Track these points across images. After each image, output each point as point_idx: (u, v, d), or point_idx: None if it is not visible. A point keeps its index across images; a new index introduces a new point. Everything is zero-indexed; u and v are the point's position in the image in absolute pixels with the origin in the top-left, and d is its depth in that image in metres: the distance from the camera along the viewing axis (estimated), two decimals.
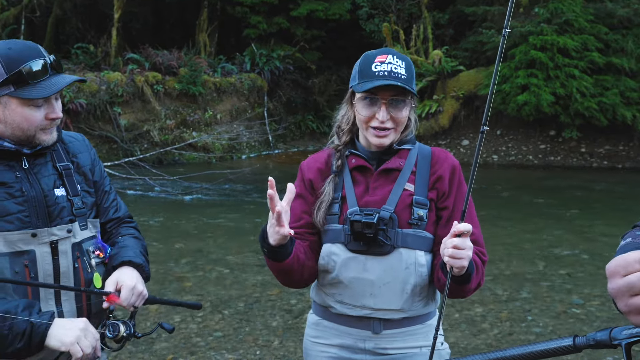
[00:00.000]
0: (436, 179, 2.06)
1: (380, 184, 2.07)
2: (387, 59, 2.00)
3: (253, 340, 4.84)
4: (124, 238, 2.15)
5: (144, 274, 2.08)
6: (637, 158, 15.19)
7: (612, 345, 1.11)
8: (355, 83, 2.04)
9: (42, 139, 1.95)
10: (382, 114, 1.98)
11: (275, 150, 17.94)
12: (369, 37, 18.59)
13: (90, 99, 15.05)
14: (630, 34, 15.05)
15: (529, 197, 11.52)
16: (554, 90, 14.69)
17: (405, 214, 2.02)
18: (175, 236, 8.31)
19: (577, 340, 1.16)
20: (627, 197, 11.59)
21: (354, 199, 2.06)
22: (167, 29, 21.44)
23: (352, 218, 1.99)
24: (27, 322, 1.75)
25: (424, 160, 2.10)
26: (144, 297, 2.03)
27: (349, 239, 2.03)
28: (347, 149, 2.15)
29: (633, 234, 1.35)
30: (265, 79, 18.57)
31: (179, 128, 16.47)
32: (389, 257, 2.01)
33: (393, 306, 2.03)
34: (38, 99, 1.88)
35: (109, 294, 1.93)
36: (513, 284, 6.20)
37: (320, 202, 2.10)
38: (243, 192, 12.00)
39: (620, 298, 0.99)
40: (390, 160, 2.08)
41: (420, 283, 2.03)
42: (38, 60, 1.88)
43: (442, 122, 16.68)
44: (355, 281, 2.04)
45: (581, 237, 8.23)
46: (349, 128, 2.15)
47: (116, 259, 2.05)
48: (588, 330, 5.05)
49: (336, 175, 2.12)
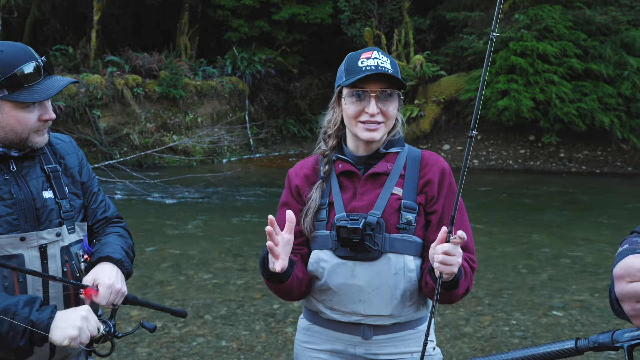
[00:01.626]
0: (425, 183, 2.04)
1: (367, 189, 2.05)
2: (373, 55, 2.01)
3: (236, 345, 4.80)
4: (107, 236, 2.12)
5: (125, 270, 2.02)
6: (614, 163, 15.38)
7: (615, 347, 1.12)
8: (343, 80, 2.03)
9: (35, 141, 1.93)
10: (371, 107, 1.97)
11: (257, 154, 17.88)
12: (350, 42, 18.62)
13: (69, 102, 14.89)
14: (608, 40, 15.25)
15: (509, 202, 11.60)
16: (534, 95, 14.83)
17: (393, 219, 2.00)
18: (157, 240, 8.24)
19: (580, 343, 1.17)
20: (606, 201, 11.72)
21: (341, 204, 2.04)
22: (147, 31, 21.29)
23: (338, 224, 1.97)
24: (28, 320, 1.72)
25: (413, 163, 2.08)
26: (123, 294, 1.97)
27: (336, 245, 2.01)
28: (334, 154, 2.13)
29: (630, 240, 1.37)
30: (247, 82, 18.52)
31: (159, 131, 16.35)
32: (377, 262, 1.99)
33: (383, 312, 2.02)
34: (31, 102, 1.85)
35: (86, 287, 1.89)
36: (495, 288, 6.23)
37: (307, 209, 2.09)
38: (225, 196, 11.94)
39: (627, 302, 1.01)
40: (378, 165, 2.07)
41: (410, 288, 2.01)
42: (30, 62, 1.86)
43: (423, 126, 16.76)
44: (344, 287, 2.02)
45: (561, 241, 8.30)
46: (335, 131, 2.13)
47: (95, 255, 2.02)
48: (570, 333, 5.09)
49: (323, 181, 2.10)
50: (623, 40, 15.02)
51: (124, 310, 5.30)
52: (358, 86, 1.99)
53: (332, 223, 2.02)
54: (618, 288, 1.02)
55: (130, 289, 2.04)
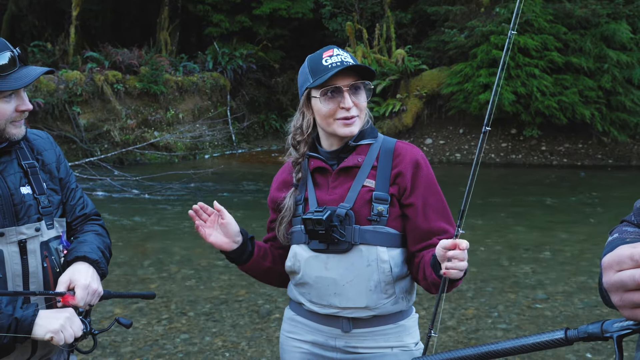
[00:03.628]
0: (397, 174, 2.03)
1: (339, 183, 2.07)
2: (334, 52, 2.04)
3: (221, 342, 4.77)
4: (85, 234, 2.11)
5: (100, 271, 2.02)
6: (595, 156, 15.53)
7: (604, 337, 1.12)
8: (311, 82, 2.03)
9: (12, 132, 1.92)
10: (347, 101, 1.99)
11: (239, 150, 17.83)
12: (331, 36, 18.61)
13: (48, 98, 14.73)
14: (588, 34, 15.36)
15: (491, 195, 11.66)
16: (515, 89, 14.91)
17: (365, 210, 2.00)
18: (139, 237, 8.18)
19: (569, 333, 1.17)
20: (587, 194, 11.82)
21: (314, 199, 2.07)
22: (127, 27, 21.12)
23: (304, 216, 2.00)
24: (12, 318, 1.74)
25: (386, 154, 2.07)
26: (100, 294, 1.98)
27: (307, 239, 2.05)
28: (306, 154, 2.14)
29: (620, 230, 1.37)
30: (228, 78, 18.45)
31: (140, 128, 16.24)
32: (349, 254, 2.00)
33: (358, 304, 2.02)
34: (7, 91, 1.85)
35: (64, 295, 1.88)
36: (478, 281, 6.25)
37: (281, 218, 2.14)
38: (207, 191, 11.88)
39: (614, 292, 1.01)
40: (348, 158, 2.08)
41: (384, 279, 2.01)
42: (5, 52, 1.86)
43: (405, 121, 16.79)
44: (319, 280, 2.05)
45: (543, 234, 8.36)
46: (307, 135, 2.12)
47: (71, 253, 2.01)
48: (553, 325, 5.12)
49: (297, 188, 2.12)
50: (603, 33, 15.14)
51: (107, 309, 5.25)
52: (329, 84, 1.99)
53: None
54: (605, 279, 1.02)
55: (112, 287, 2.03)
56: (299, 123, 2.13)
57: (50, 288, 1.96)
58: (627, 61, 14.85)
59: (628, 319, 1.05)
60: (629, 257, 0.97)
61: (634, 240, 1.19)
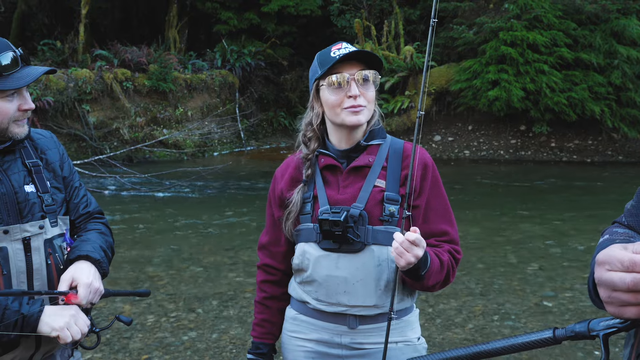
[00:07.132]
0: (407, 175, 2.04)
1: (350, 182, 2.07)
2: (343, 46, 2.05)
3: (229, 338, 4.80)
4: (88, 232, 2.13)
5: (102, 270, 2.04)
6: (605, 152, 15.45)
7: (591, 336, 1.15)
8: (318, 74, 2.05)
9: (15, 131, 1.94)
10: (353, 89, 2.00)
11: (247, 147, 17.85)
12: (340, 33, 18.58)
13: (57, 97, 14.80)
14: (597, 29, 15.28)
15: (500, 192, 11.64)
16: (524, 85, 14.86)
17: (377, 211, 2.02)
18: (148, 235, 8.21)
19: (557, 332, 1.20)
20: (597, 191, 11.78)
21: (325, 197, 2.07)
22: (135, 25, 21.18)
23: (321, 217, 2.00)
24: (18, 314, 1.77)
25: (395, 155, 2.09)
26: (101, 293, 2.00)
27: (320, 238, 2.04)
28: (317, 150, 2.15)
29: (610, 231, 1.40)
30: (237, 75, 18.46)
31: (149, 125, 16.29)
32: (360, 254, 2.02)
33: (367, 302, 2.04)
34: (9, 91, 1.87)
35: (67, 294, 1.91)
36: (486, 278, 6.25)
37: (288, 212, 2.13)
38: (216, 189, 11.92)
39: (603, 288, 1.04)
40: (359, 158, 2.09)
41: (393, 279, 2.03)
42: (7, 52, 1.88)
43: (414, 118, 16.74)
44: (328, 279, 2.05)
45: (552, 231, 8.34)
46: (317, 131, 2.14)
47: (74, 252, 2.02)
48: (560, 322, 5.11)
49: (306, 185, 2.12)
50: (613, 29, 15.06)
51: (116, 306, 5.29)
52: (335, 71, 2.02)
53: (316, 216, 2.05)
54: (598, 273, 1.05)
55: (122, 284, 2.06)
56: (309, 117, 2.16)
57: (54, 285, 1.98)
58: (637, 57, 14.76)
59: (613, 317, 1.07)
60: (619, 261, 1.01)
61: (622, 242, 1.21)
